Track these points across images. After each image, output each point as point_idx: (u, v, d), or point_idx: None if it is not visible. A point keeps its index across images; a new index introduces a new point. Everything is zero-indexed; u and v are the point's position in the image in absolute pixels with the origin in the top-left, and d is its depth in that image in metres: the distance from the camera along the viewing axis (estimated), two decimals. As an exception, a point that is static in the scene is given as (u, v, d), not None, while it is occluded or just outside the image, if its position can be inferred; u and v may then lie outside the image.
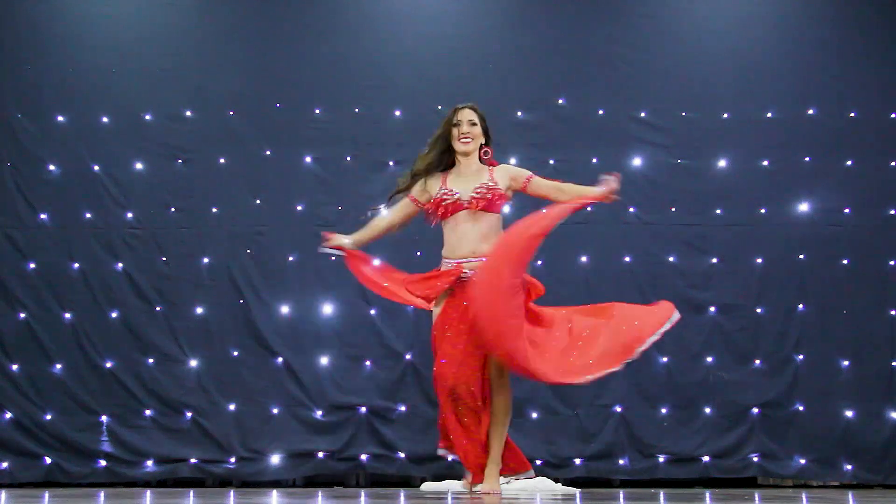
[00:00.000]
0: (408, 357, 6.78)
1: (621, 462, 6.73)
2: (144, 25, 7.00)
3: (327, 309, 6.82)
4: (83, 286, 6.78)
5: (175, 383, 6.72)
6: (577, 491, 5.75)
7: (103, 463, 6.63)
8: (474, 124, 5.42)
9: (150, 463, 6.63)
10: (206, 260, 6.84)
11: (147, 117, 6.92)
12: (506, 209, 6.74)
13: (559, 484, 5.93)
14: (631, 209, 6.92)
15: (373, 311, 6.83)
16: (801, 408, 6.81)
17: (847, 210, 6.96)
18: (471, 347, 5.23)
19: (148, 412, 6.70)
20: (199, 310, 6.79)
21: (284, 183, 6.90)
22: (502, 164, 5.57)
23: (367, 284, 5.74)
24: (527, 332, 5.17)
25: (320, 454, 6.67)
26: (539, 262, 6.50)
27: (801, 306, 6.90)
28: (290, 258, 6.85)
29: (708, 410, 6.81)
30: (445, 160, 5.47)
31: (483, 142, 5.45)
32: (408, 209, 5.53)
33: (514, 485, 5.54)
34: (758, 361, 6.86)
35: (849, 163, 6.99)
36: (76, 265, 6.80)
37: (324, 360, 6.78)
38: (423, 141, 6.82)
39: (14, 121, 6.88)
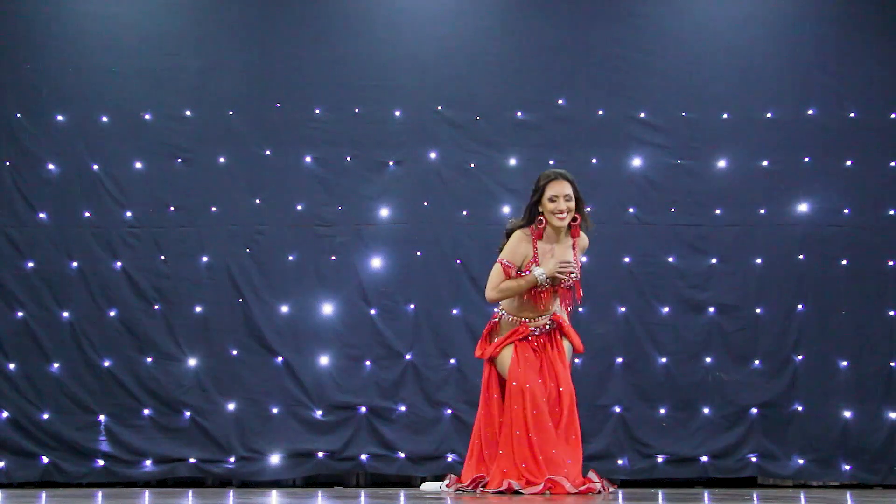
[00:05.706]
0: (408, 357, 6.77)
1: (620, 462, 6.73)
2: (144, 25, 6.99)
3: (327, 309, 6.81)
4: (82, 285, 6.76)
5: (174, 382, 6.70)
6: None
7: (101, 462, 6.61)
8: (570, 199, 5.36)
9: (148, 463, 6.62)
10: (205, 259, 6.83)
11: (147, 117, 6.90)
12: (506, 209, 6.78)
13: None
14: (630, 210, 6.92)
15: (373, 312, 6.82)
16: (799, 408, 6.81)
17: (846, 210, 6.96)
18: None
19: (146, 411, 6.68)
20: (199, 309, 6.78)
21: (284, 183, 6.89)
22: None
23: None
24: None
25: (320, 454, 6.66)
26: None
27: (800, 307, 6.90)
28: (290, 258, 6.84)
29: (707, 411, 6.81)
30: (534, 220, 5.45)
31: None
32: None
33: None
34: (757, 362, 6.86)
35: (848, 163, 6.99)
36: (75, 264, 6.79)
37: (324, 360, 6.76)
38: (422, 141, 6.91)
39: (13, 120, 6.86)
